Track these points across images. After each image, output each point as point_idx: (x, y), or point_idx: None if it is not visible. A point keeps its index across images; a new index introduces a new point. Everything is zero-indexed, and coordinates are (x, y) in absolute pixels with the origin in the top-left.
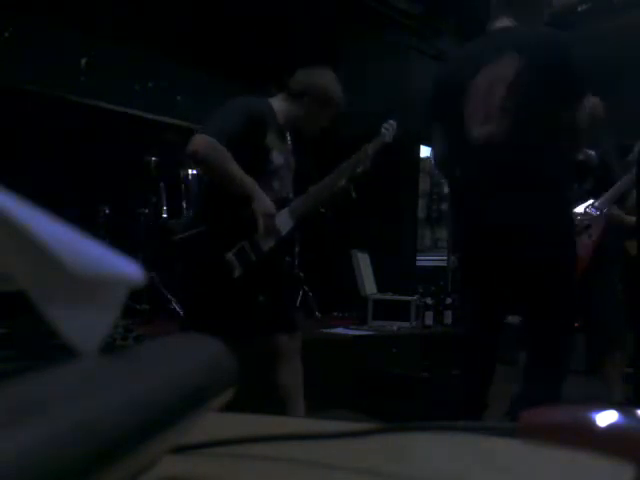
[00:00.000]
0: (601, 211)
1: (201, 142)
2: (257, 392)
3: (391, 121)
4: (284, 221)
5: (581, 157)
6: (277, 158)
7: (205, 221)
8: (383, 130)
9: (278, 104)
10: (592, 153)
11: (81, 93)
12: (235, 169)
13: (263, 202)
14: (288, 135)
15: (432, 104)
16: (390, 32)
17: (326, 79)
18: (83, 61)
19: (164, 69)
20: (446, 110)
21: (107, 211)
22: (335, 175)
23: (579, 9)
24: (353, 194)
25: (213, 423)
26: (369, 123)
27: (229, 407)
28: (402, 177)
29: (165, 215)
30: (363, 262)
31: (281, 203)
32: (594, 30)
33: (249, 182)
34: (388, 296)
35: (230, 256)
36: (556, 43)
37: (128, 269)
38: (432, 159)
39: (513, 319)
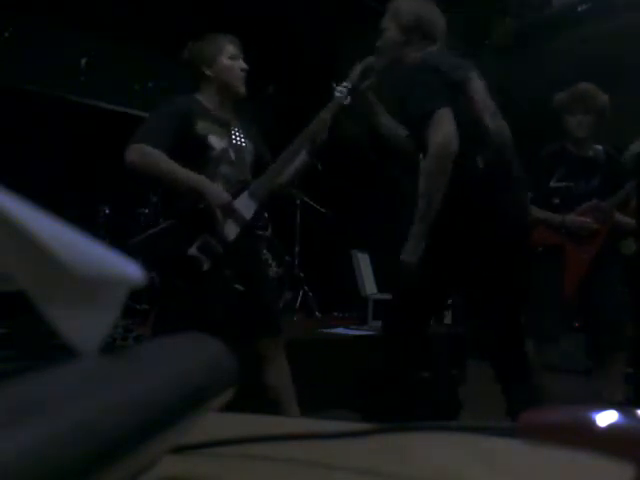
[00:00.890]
0: (606, 215)
1: (132, 151)
2: (256, 392)
3: (345, 83)
4: (245, 205)
5: (590, 153)
6: (217, 143)
7: (164, 219)
8: (337, 93)
9: (198, 96)
10: (600, 149)
11: (81, 93)
12: (174, 167)
13: (215, 193)
14: (234, 120)
15: (439, 91)
16: None
17: (199, 41)
18: (83, 61)
19: (164, 69)
20: (454, 95)
21: (107, 211)
22: (292, 149)
23: (579, 9)
24: (319, 166)
25: (213, 423)
26: (369, 123)
27: (229, 407)
28: (402, 177)
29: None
30: (363, 262)
31: (239, 188)
32: (594, 30)
33: (194, 177)
34: (388, 296)
35: (193, 251)
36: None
37: (128, 269)
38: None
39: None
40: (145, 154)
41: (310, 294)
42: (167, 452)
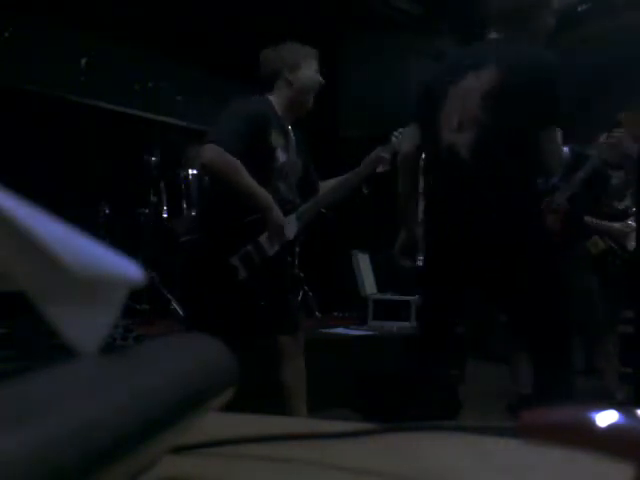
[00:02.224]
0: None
1: (211, 153)
2: (257, 392)
3: (401, 129)
4: (290, 227)
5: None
6: (281, 156)
7: (211, 224)
8: (393, 138)
9: (271, 98)
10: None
11: (81, 93)
12: (248, 181)
13: (275, 214)
14: (291, 131)
15: (414, 105)
16: (390, 32)
17: (289, 46)
18: (83, 61)
19: (164, 69)
20: (424, 113)
21: (107, 211)
22: (345, 183)
23: (579, 9)
24: (365, 190)
25: (213, 423)
26: (368, 123)
27: (229, 407)
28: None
29: (165, 215)
30: (363, 262)
31: (288, 209)
32: (594, 30)
33: (262, 194)
34: (388, 296)
35: (235, 260)
36: (539, 63)
37: (128, 269)
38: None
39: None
40: (226, 161)
41: (310, 294)
42: (167, 452)
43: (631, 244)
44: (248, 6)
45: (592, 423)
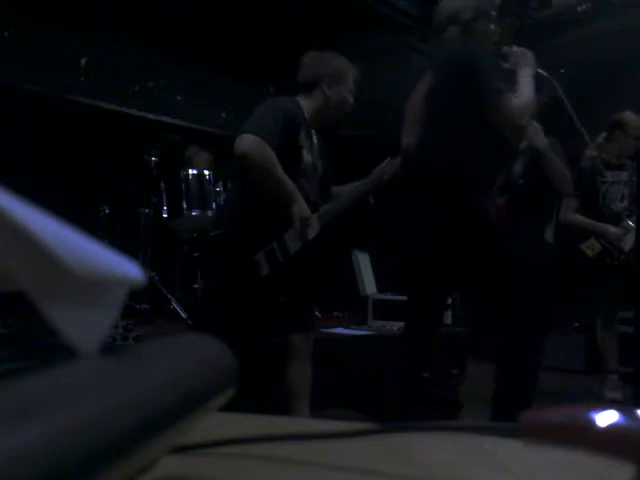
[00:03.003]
0: None
1: (250, 143)
2: (258, 392)
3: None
4: (313, 226)
5: None
6: (306, 156)
7: (238, 220)
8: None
9: (302, 102)
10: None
11: (81, 93)
12: (282, 172)
13: (303, 207)
14: (314, 135)
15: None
16: (390, 32)
17: (334, 57)
18: (83, 61)
19: (164, 69)
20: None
21: (107, 211)
22: (362, 185)
23: (579, 9)
24: (371, 200)
25: (213, 423)
26: (368, 123)
27: (229, 407)
28: (402, 177)
29: (165, 215)
30: (363, 262)
31: (310, 208)
32: (594, 30)
33: (291, 186)
34: (388, 296)
35: (260, 255)
36: (458, 56)
37: (128, 269)
38: None
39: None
40: (265, 151)
41: None
42: (167, 452)
43: (627, 246)
44: (248, 6)
45: (592, 423)
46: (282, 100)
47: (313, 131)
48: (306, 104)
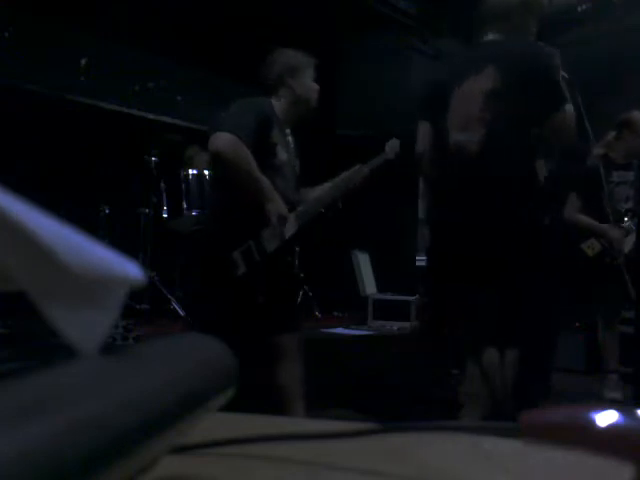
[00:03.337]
0: None
1: (225, 141)
2: (256, 392)
3: (394, 139)
4: (290, 225)
5: None
6: (282, 154)
7: (216, 219)
8: (387, 148)
9: (273, 101)
10: None
11: (81, 93)
12: (257, 171)
13: (279, 205)
14: (289, 134)
15: (421, 103)
16: (390, 32)
17: (294, 52)
18: (83, 61)
19: (164, 69)
20: (432, 112)
21: (107, 211)
22: (337, 184)
23: (579, 9)
24: (339, 205)
25: (213, 423)
26: (368, 123)
27: (229, 407)
28: (402, 177)
29: (165, 215)
30: (363, 262)
31: (288, 206)
32: (594, 30)
33: (267, 184)
34: (388, 296)
35: (236, 254)
36: (535, 56)
37: (128, 269)
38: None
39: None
40: (240, 148)
41: (310, 294)
42: (167, 452)
43: (627, 247)
44: (248, 6)
45: (592, 423)
46: (255, 99)
47: (288, 130)
48: (276, 103)
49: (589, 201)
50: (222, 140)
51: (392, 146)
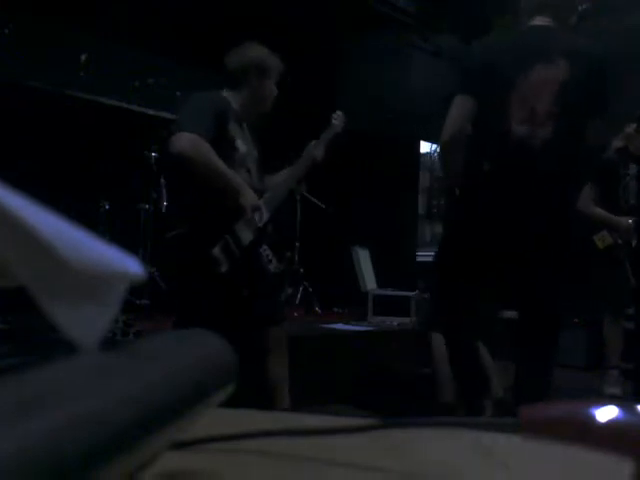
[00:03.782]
0: None
1: (186, 141)
2: (244, 386)
3: (338, 111)
4: (263, 213)
5: None
6: (241, 146)
7: (188, 219)
8: (333, 121)
9: (230, 95)
10: None
11: (81, 89)
12: (221, 164)
13: (251, 195)
14: (245, 126)
15: (468, 78)
16: (390, 30)
17: (260, 50)
18: (83, 57)
19: (164, 65)
20: (486, 94)
21: (107, 207)
22: (296, 168)
23: (579, 9)
24: (303, 187)
25: (213, 419)
26: (370, 121)
27: (229, 403)
28: (402, 173)
29: (165, 211)
30: (363, 258)
31: (257, 195)
32: (594, 30)
33: (235, 177)
34: (388, 292)
35: (217, 251)
36: (595, 56)
37: (128, 265)
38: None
39: (510, 314)
40: (201, 146)
41: (310, 290)
42: (168, 448)
43: (634, 240)
44: (248, 6)
45: (592, 419)
46: (208, 94)
47: (244, 124)
48: (234, 97)
49: (605, 193)
50: (183, 140)
51: (338, 118)
